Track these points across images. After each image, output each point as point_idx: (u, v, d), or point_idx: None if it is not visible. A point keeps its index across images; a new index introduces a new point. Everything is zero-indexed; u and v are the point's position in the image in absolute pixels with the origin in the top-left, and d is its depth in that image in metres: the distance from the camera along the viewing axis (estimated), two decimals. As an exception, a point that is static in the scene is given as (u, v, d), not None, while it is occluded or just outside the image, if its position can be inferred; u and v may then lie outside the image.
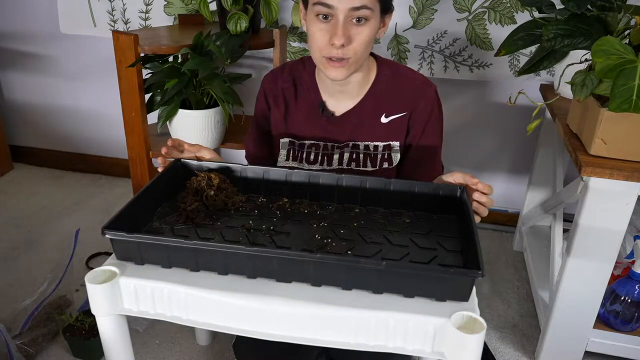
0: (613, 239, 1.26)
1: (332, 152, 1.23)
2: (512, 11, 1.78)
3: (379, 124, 1.20)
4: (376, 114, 1.20)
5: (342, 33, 1.03)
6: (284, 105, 1.24)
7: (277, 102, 1.24)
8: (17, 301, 1.49)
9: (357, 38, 1.05)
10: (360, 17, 1.03)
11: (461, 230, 0.96)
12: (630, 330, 1.43)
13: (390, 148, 1.21)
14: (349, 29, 1.04)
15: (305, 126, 1.23)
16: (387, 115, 1.20)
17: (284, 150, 1.25)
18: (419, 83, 1.20)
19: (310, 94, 1.22)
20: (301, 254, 0.80)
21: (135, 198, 0.94)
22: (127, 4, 2.04)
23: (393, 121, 1.20)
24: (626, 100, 1.04)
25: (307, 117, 1.23)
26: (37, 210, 2.17)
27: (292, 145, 1.25)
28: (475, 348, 0.74)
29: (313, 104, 1.22)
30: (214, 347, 1.52)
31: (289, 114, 1.24)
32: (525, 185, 2.02)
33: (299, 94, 1.24)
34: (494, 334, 1.60)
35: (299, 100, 1.24)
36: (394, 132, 1.20)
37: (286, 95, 1.24)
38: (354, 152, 1.21)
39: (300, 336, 0.81)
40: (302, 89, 1.23)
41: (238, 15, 1.65)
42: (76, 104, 2.37)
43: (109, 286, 0.82)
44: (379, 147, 1.21)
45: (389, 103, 1.20)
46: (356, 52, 1.06)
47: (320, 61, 1.10)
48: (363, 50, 1.07)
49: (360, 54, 1.08)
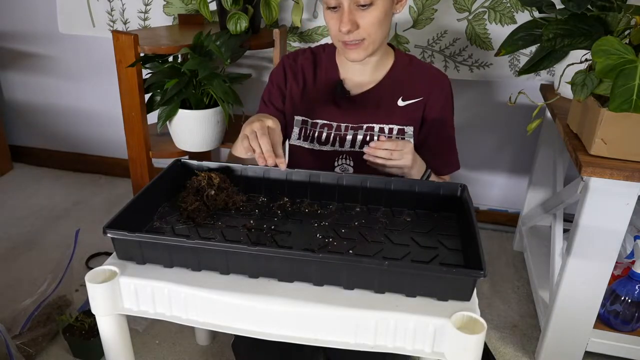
0: (613, 239, 1.26)
1: (345, 134, 1.23)
2: (512, 11, 1.78)
3: (396, 107, 1.23)
4: (394, 96, 1.23)
5: (347, 20, 1.09)
6: (302, 82, 1.27)
7: (297, 78, 1.27)
8: (17, 301, 1.49)
9: (364, 22, 1.10)
10: (363, 4, 1.09)
11: (462, 228, 0.96)
12: (630, 330, 1.43)
13: (404, 133, 1.23)
14: (355, 15, 1.10)
15: (321, 105, 1.25)
16: (404, 99, 1.23)
17: (297, 128, 1.26)
18: (435, 72, 1.27)
19: (329, 73, 1.26)
20: (303, 254, 0.80)
21: (136, 198, 0.94)
22: (126, 4, 2.04)
23: (409, 106, 1.23)
24: (626, 100, 1.04)
25: (324, 97, 1.25)
26: (37, 210, 2.16)
27: (304, 125, 1.26)
28: (475, 348, 0.74)
29: (331, 83, 1.25)
30: (214, 347, 1.52)
31: (306, 92, 1.26)
32: (525, 185, 2.02)
33: (317, 74, 1.27)
34: (494, 334, 1.60)
35: (318, 80, 1.27)
36: (409, 117, 1.23)
37: (305, 73, 1.27)
38: (368, 134, 1.23)
39: (301, 336, 0.81)
40: (320, 70, 1.27)
41: (238, 15, 1.65)
42: (76, 104, 2.37)
43: (109, 286, 0.82)
44: (394, 130, 1.23)
45: (406, 87, 1.23)
46: (369, 34, 1.12)
47: (339, 46, 1.17)
48: (376, 29, 1.12)
49: (375, 34, 1.13)
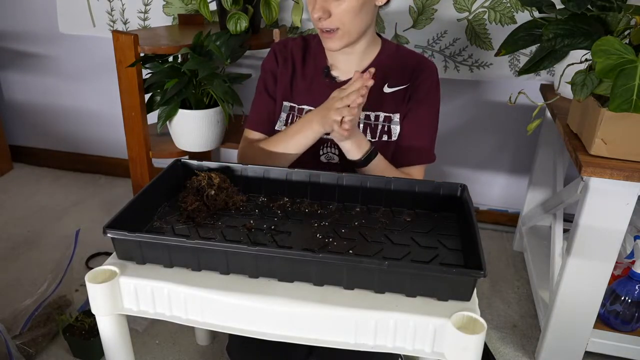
0: (613, 239, 1.26)
1: None
2: (512, 11, 1.78)
3: (382, 94, 1.22)
4: (380, 83, 1.22)
5: (319, 7, 1.08)
6: (291, 68, 1.26)
7: (286, 64, 1.26)
8: (17, 301, 1.49)
9: (337, 10, 1.09)
10: None
11: (462, 228, 0.96)
12: (630, 330, 1.43)
13: (391, 120, 1.22)
14: (329, 3, 1.08)
15: (309, 91, 1.24)
16: (390, 86, 1.22)
17: (284, 114, 1.26)
18: (421, 59, 1.25)
19: (317, 59, 1.25)
20: (304, 254, 0.80)
21: (136, 198, 0.94)
22: (126, 4, 2.04)
23: (395, 92, 1.22)
24: (626, 100, 1.04)
25: (312, 83, 1.24)
26: (37, 210, 2.16)
27: (292, 111, 1.26)
28: (475, 348, 0.74)
29: (318, 69, 1.25)
30: (214, 347, 1.52)
31: (295, 78, 1.26)
32: (525, 185, 2.02)
33: (306, 60, 1.26)
34: (494, 334, 1.60)
35: (306, 66, 1.26)
36: (395, 104, 1.22)
37: (295, 58, 1.26)
38: None
39: (301, 336, 0.81)
40: (309, 56, 1.26)
41: (238, 15, 1.65)
42: (76, 104, 2.37)
43: (109, 286, 0.82)
44: (380, 117, 1.22)
45: (392, 74, 1.22)
46: (343, 23, 1.10)
47: (319, 33, 1.16)
48: (351, 19, 1.10)
49: (350, 24, 1.10)
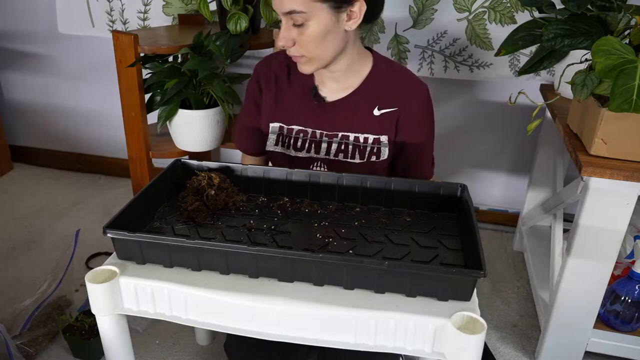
0: (613, 239, 1.26)
1: (320, 140, 1.23)
2: (512, 11, 1.78)
3: (371, 117, 1.21)
4: (369, 106, 1.21)
5: (282, 36, 1.09)
6: (275, 88, 1.25)
7: (269, 85, 1.25)
8: (17, 301, 1.49)
9: (301, 39, 1.08)
10: (295, 23, 1.07)
11: (462, 228, 0.96)
12: (630, 330, 1.43)
13: (380, 142, 1.21)
14: (292, 32, 1.08)
15: (296, 111, 1.23)
16: (380, 109, 1.21)
17: (274, 135, 1.25)
18: (412, 81, 1.22)
19: (303, 78, 1.23)
20: (303, 254, 0.80)
21: (136, 198, 0.94)
22: (126, 4, 2.04)
23: (384, 115, 1.21)
24: (626, 100, 1.04)
25: (299, 102, 1.23)
26: (37, 210, 2.16)
27: (281, 131, 1.25)
28: (475, 348, 0.74)
29: (305, 88, 1.23)
30: (214, 347, 1.52)
31: (281, 97, 1.25)
32: (525, 185, 2.02)
33: (292, 77, 1.24)
34: (494, 334, 1.60)
35: (292, 83, 1.24)
36: (384, 126, 1.21)
37: (278, 77, 1.25)
38: (343, 143, 1.21)
39: (301, 336, 0.81)
40: (295, 73, 1.23)
41: (238, 15, 1.65)
42: (76, 104, 2.37)
43: (109, 286, 0.82)
44: (369, 139, 1.21)
45: (382, 96, 1.21)
46: (308, 50, 1.09)
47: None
48: (315, 47, 1.09)
49: (315, 51, 1.10)
